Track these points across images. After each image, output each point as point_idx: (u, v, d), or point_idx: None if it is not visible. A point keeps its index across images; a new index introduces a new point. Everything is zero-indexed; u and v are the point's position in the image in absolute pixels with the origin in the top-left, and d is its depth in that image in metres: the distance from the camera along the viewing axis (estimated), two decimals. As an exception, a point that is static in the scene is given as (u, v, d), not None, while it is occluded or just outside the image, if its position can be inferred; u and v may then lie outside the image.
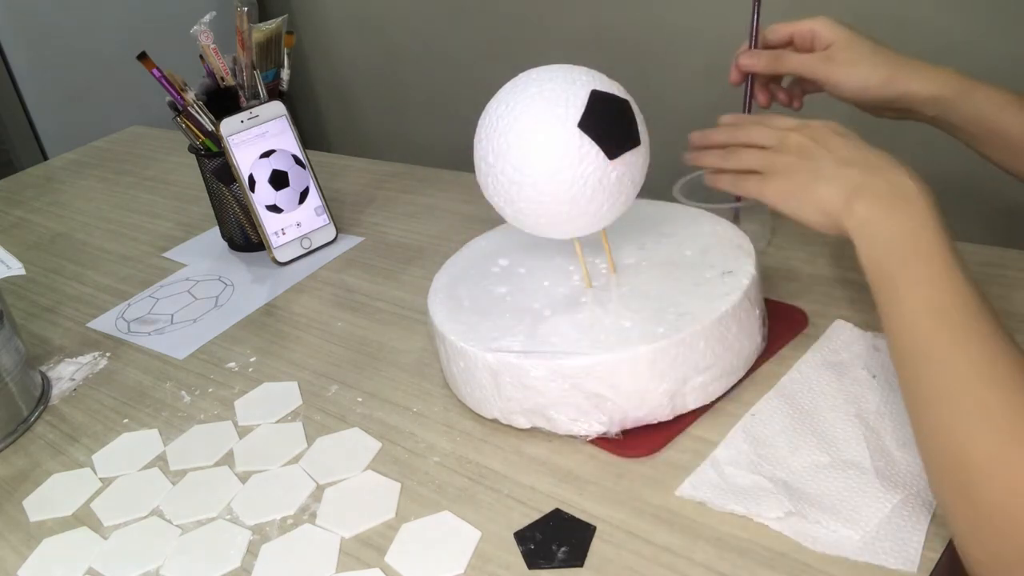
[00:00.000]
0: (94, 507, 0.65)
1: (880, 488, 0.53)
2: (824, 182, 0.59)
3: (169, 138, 1.46)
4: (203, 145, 0.96)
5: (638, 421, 0.61)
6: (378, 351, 0.78)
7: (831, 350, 0.65)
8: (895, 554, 0.49)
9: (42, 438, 0.75)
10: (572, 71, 0.62)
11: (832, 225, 0.59)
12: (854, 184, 0.57)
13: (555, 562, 0.53)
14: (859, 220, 0.56)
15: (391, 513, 0.59)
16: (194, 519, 0.62)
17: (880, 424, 0.58)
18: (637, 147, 0.61)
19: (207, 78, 0.97)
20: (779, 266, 0.76)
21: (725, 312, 0.61)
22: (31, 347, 0.85)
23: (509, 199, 0.62)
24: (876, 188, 0.56)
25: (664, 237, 0.70)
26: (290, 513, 0.61)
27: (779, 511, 0.52)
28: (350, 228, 1.02)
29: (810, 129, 0.63)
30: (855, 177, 0.58)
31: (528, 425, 0.62)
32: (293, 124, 0.96)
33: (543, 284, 0.68)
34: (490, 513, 0.58)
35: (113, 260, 1.07)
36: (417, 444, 0.65)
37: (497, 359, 0.61)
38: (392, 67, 2.04)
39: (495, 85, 0.63)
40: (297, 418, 0.71)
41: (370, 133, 2.21)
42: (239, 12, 0.93)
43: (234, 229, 1.01)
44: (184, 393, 0.77)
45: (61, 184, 1.37)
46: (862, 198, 0.56)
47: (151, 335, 0.88)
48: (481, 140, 0.62)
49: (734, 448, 0.58)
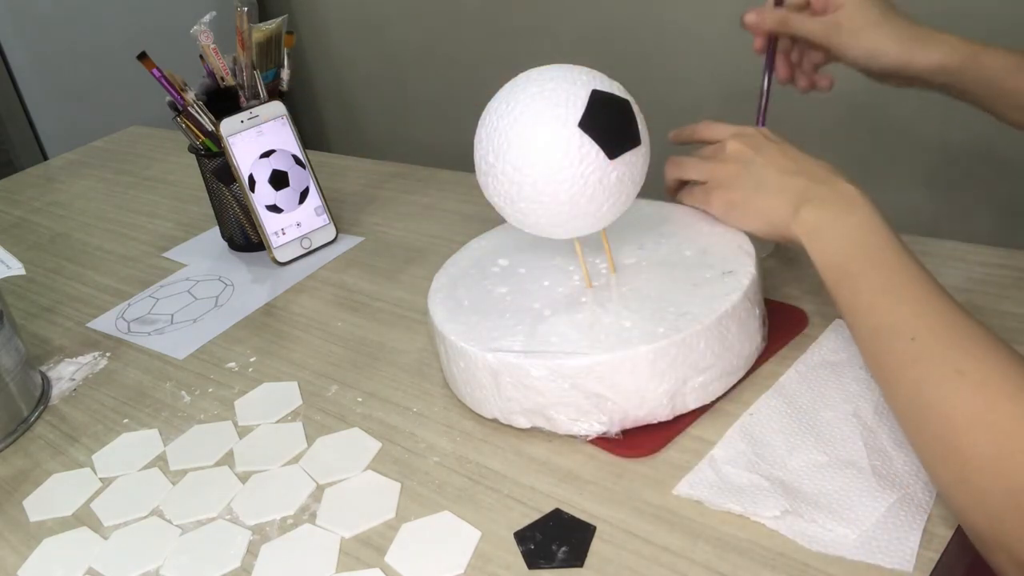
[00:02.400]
0: (94, 507, 0.66)
1: (877, 487, 0.53)
2: (767, 192, 0.63)
3: (169, 138, 1.46)
4: (203, 145, 0.96)
5: (638, 421, 0.61)
6: (378, 351, 0.78)
7: (830, 349, 0.65)
8: (891, 553, 0.49)
9: (42, 438, 0.75)
10: (572, 71, 0.62)
11: (776, 233, 0.63)
12: (799, 193, 0.61)
13: (555, 562, 0.53)
14: (809, 226, 0.59)
15: (391, 513, 0.59)
16: (194, 519, 0.62)
17: (877, 423, 0.58)
18: (637, 147, 0.61)
19: (207, 78, 0.97)
20: (779, 266, 0.76)
21: (725, 312, 0.61)
22: (31, 347, 0.85)
23: (509, 199, 0.62)
24: (822, 195, 0.60)
25: (664, 237, 0.70)
26: (290, 513, 0.61)
27: (776, 510, 0.52)
28: (350, 228, 1.02)
29: (745, 136, 0.66)
30: (800, 186, 0.61)
31: (528, 425, 0.63)
32: (293, 124, 0.96)
33: (543, 284, 0.68)
34: (490, 513, 0.58)
35: (113, 260, 1.07)
36: (417, 444, 0.65)
37: (497, 359, 0.61)
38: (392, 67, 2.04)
39: (495, 85, 0.63)
40: (297, 418, 0.71)
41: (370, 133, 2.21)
42: (239, 12, 0.93)
43: (234, 229, 1.01)
44: (184, 393, 0.77)
45: (61, 184, 1.37)
46: (810, 206, 0.60)
47: (151, 335, 0.88)
48: (481, 140, 0.62)
49: (732, 447, 0.58)
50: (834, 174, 0.61)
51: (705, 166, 0.69)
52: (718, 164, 0.67)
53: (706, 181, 0.69)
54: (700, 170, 0.69)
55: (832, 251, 0.58)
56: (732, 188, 0.66)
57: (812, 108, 1.07)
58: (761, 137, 0.66)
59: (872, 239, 0.56)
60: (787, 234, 0.61)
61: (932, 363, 0.49)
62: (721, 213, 0.68)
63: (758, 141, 0.65)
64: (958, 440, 0.47)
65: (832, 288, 0.58)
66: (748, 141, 0.66)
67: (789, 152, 0.64)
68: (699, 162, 0.69)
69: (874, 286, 0.55)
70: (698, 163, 0.69)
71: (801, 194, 0.60)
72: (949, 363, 0.49)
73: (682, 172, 0.71)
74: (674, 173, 0.72)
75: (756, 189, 0.64)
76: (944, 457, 0.48)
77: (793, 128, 0.72)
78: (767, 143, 0.65)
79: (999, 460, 0.45)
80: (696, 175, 0.70)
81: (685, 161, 0.70)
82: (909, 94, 0.77)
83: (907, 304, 0.53)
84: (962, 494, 0.47)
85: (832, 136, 1.39)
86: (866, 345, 0.55)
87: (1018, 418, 0.45)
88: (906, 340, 0.51)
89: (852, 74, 0.74)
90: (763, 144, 0.65)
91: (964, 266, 0.72)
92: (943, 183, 1.34)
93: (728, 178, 0.66)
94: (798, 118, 1.08)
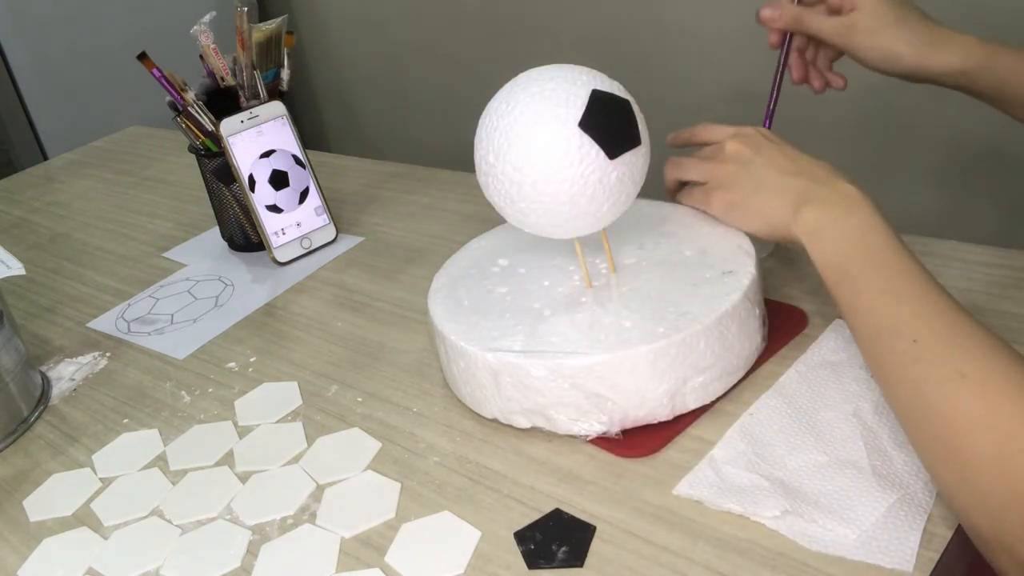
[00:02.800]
0: (94, 507, 0.66)
1: (877, 487, 0.53)
2: (767, 193, 0.63)
3: (169, 138, 1.46)
4: (203, 145, 0.96)
5: (638, 421, 0.61)
6: (378, 351, 0.78)
7: (830, 349, 0.65)
8: (891, 553, 0.49)
9: (42, 438, 0.75)
10: (572, 71, 0.62)
11: (775, 233, 0.63)
12: (800, 193, 0.61)
13: (555, 562, 0.53)
14: (810, 227, 0.59)
15: (391, 513, 0.59)
16: (194, 519, 0.62)
17: (877, 423, 0.58)
18: (637, 147, 0.61)
19: (207, 78, 0.97)
20: (779, 266, 0.76)
21: (725, 312, 0.61)
22: (31, 347, 0.85)
23: (509, 199, 0.62)
24: (823, 196, 0.60)
25: (664, 237, 0.70)
26: (290, 513, 0.61)
27: (775, 510, 0.52)
28: (350, 228, 1.02)
29: (744, 136, 0.66)
30: (800, 186, 0.61)
31: (528, 425, 0.63)
32: (293, 124, 0.96)
33: (543, 284, 0.68)
34: (490, 513, 0.58)
35: (113, 260, 1.07)
36: (417, 444, 0.65)
37: (497, 359, 0.61)
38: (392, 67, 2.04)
39: (495, 85, 0.63)
40: (297, 418, 0.71)
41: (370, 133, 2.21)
42: (239, 12, 0.93)
43: (234, 229, 1.01)
44: (184, 393, 0.77)
45: (61, 184, 1.37)
46: (810, 206, 0.60)
47: (151, 335, 0.88)
48: (481, 140, 0.62)
49: (732, 447, 0.58)
50: (834, 175, 0.61)
51: (704, 166, 0.69)
52: (717, 164, 0.67)
53: (706, 182, 0.69)
54: (699, 170, 0.69)
55: (832, 251, 0.58)
56: (732, 188, 0.66)
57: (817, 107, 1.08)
58: (760, 137, 0.66)
59: (873, 239, 0.56)
60: (787, 234, 0.61)
61: (933, 364, 0.49)
62: (721, 213, 0.68)
63: (757, 141, 0.65)
64: (959, 441, 0.47)
65: (832, 288, 0.58)
66: (747, 141, 0.66)
67: (789, 152, 0.64)
68: (698, 162, 0.69)
69: (874, 287, 0.55)
70: (697, 163, 0.69)
71: (801, 194, 0.61)
72: (950, 364, 0.49)
73: (682, 173, 0.71)
74: (674, 174, 0.72)
75: (756, 189, 0.64)
76: (945, 458, 0.48)
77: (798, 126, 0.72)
78: (766, 143, 0.65)
79: (1000, 461, 0.45)
80: (696, 176, 0.70)
81: (684, 162, 0.70)
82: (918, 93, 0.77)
83: (908, 305, 0.53)
84: (964, 495, 0.47)
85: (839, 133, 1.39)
86: (867, 346, 0.55)
87: (1019, 419, 0.45)
88: (907, 341, 0.51)
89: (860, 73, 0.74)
90: (762, 144, 0.65)
91: (964, 266, 0.72)
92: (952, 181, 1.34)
93: (728, 178, 0.66)
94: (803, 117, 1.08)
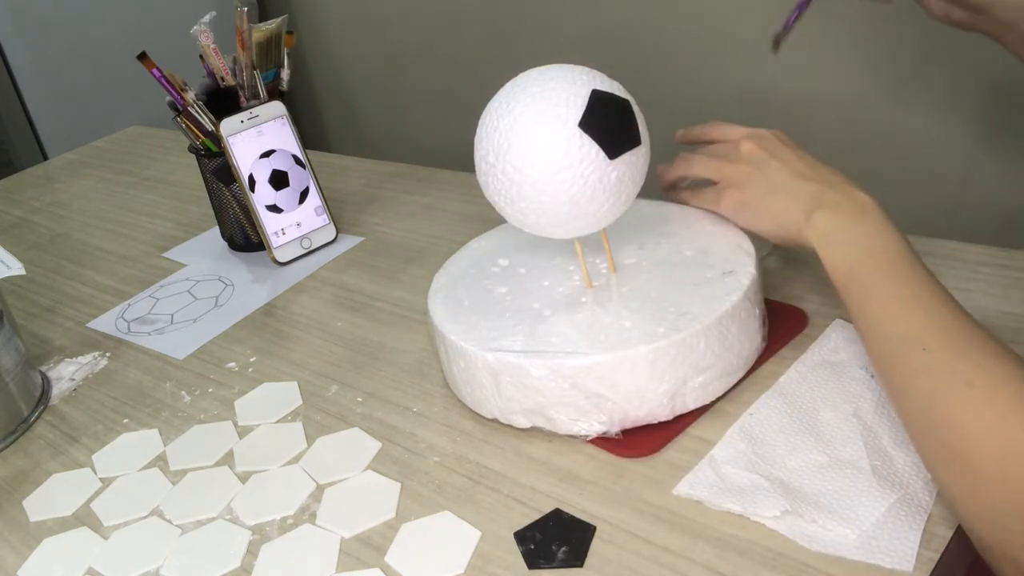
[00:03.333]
0: (94, 507, 0.66)
1: (877, 487, 0.53)
2: (780, 195, 0.63)
3: (169, 138, 1.46)
4: (203, 145, 0.96)
5: (638, 421, 0.61)
6: (378, 351, 0.78)
7: (830, 349, 0.65)
8: (891, 553, 0.49)
9: (42, 438, 0.75)
10: (573, 71, 0.62)
11: (786, 236, 0.62)
12: (813, 197, 0.60)
13: (555, 562, 0.53)
14: (822, 231, 0.59)
15: (391, 513, 0.59)
16: (194, 519, 0.62)
17: (877, 423, 0.58)
18: (637, 147, 0.61)
19: (207, 78, 0.97)
20: (779, 266, 0.76)
21: (725, 312, 0.61)
22: (31, 347, 0.85)
23: (509, 199, 0.62)
24: (835, 201, 0.60)
25: (664, 237, 0.70)
26: (290, 513, 0.61)
27: (775, 510, 0.52)
28: (350, 228, 1.02)
29: (759, 138, 0.66)
30: (814, 191, 0.61)
31: (528, 425, 0.63)
32: (293, 124, 0.96)
33: (543, 284, 0.68)
34: (490, 513, 0.58)
35: (113, 260, 1.07)
36: (417, 444, 0.65)
37: (497, 359, 0.61)
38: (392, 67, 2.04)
39: (495, 85, 0.63)
40: (297, 418, 0.71)
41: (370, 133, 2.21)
42: (239, 12, 0.93)
43: (234, 229, 1.01)
44: (184, 393, 0.77)
45: (61, 184, 1.37)
46: (823, 211, 0.59)
47: (151, 335, 0.88)
48: (481, 140, 0.62)
49: (732, 447, 0.58)
50: (848, 182, 0.60)
51: (717, 165, 0.68)
52: (731, 164, 0.66)
53: (716, 179, 0.68)
54: (711, 168, 0.68)
55: (843, 256, 0.58)
56: (744, 188, 0.65)
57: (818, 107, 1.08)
58: (776, 140, 0.65)
59: (883, 246, 0.56)
60: (798, 237, 0.61)
61: (943, 374, 0.49)
62: (731, 212, 0.67)
63: (773, 144, 0.65)
64: (966, 450, 0.47)
65: (842, 292, 0.58)
66: (763, 143, 0.65)
67: (804, 158, 0.64)
68: (710, 160, 0.68)
69: (884, 292, 0.55)
70: (708, 161, 0.68)
71: (815, 198, 0.60)
72: (959, 375, 0.48)
73: (691, 169, 0.70)
74: (682, 170, 0.70)
75: (769, 191, 0.63)
76: (951, 466, 0.48)
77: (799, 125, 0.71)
78: (782, 147, 0.64)
79: (1006, 470, 0.45)
80: (707, 173, 0.69)
81: (694, 158, 0.69)
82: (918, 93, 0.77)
83: (917, 313, 0.52)
84: (969, 503, 0.47)
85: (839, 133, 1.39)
86: (875, 351, 0.55)
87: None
88: (917, 350, 0.51)
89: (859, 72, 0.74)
90: (778, 147, 0.64)
91: (964, 266, 0.72)
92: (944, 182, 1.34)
93: (741, 179, 0.66)
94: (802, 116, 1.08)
